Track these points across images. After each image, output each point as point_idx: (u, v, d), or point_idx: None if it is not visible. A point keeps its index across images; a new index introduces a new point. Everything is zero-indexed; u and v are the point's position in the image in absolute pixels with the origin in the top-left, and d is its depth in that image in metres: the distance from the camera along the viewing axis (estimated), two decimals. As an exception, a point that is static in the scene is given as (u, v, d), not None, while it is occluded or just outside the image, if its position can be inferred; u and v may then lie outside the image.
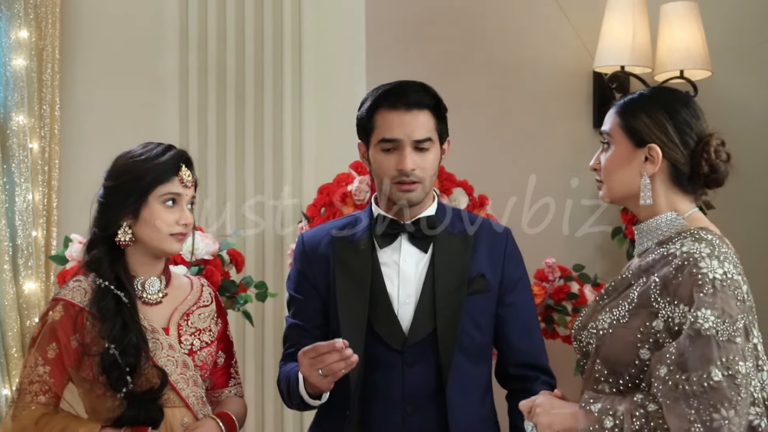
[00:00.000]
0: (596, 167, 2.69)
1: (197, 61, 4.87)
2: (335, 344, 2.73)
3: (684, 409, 2.30)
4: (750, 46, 5.33)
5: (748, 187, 5.26)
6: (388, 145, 2.97)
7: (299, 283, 3.14)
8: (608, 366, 2.51)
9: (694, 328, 2.35)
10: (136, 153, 3.00)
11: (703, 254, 2.44)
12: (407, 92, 2.98)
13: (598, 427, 2.39)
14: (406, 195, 2.98)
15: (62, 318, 2.93)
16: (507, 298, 3.08)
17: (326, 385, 2.81)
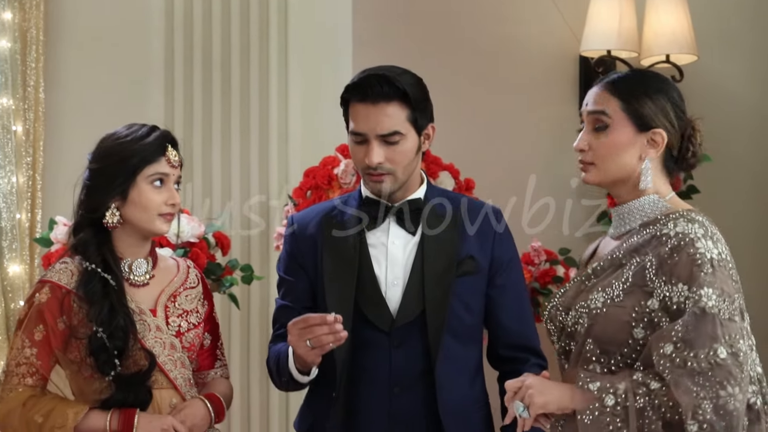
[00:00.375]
0: (584, 148, 2.64)
1: (183, 43, 4.85)
2: (326, 317, 2.73)
3: (691, 387, 2.32)
4: (736, 30, 5.33)
5: (734, 170, 5.29)
6: (357, 137, 2.96)
7: (288, 264, 3.14)
8: (600, 345, 2.51)
9: (699, 306, 2.38)
10: (121, 134, 2.99)
11: (698, 234, 2.47)
12: (371, 85, 2.92)
13: (599, 406, 2.38)
14: (376, 186, 2.97)
15: (49, 300, 2.92)
16: (497, 279, 3.07)
17: (312, 358, 2.81)
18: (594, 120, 2.63)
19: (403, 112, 2.94)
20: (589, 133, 2.63)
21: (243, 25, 4.88)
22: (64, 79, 4.77)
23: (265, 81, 4.88)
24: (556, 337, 2.68)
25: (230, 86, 4.87)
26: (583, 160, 2.65)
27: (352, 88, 2.97)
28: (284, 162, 4.87)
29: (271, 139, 4.86)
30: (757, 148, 5.26)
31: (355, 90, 2.96)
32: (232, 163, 4.86)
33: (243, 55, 4.88)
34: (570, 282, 2.71)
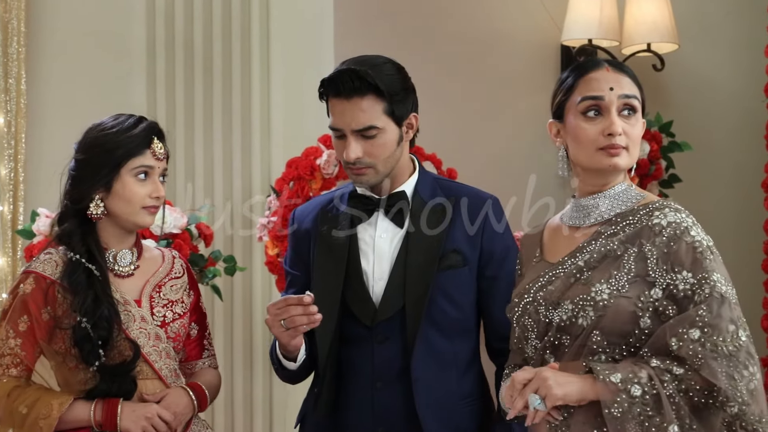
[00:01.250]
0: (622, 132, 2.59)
1: (164, 34, 4.84)
2: (303, 298, 2.73)
3: (725, 370, 2.38)
4: (716, 19, 5.36)
5: (715, 159, 5.32)
6: (336, 133, 2.95)
7: (291, 258, 3.15)
8: (608, 337, 2.50)
9: (717, 290, 2.43)
10: (107, 125, 2.98)
11: (689, 223, 2.52)
12: (344, 81, 2.90)
13: (626, 397, 2.38)
14: (358, 179, 2.96)
15: (33, 290, 2.92)
16: (487, 271, 3.03)
17: (287, 340, 2.81)
18: (625, 103, 2.60)
19: (378, 105, 2.91)
20: (618, 117, 2.59)
21: (225, 16, 4.87)
22: (46, 71, 4.76)
23: (248, 72, 4.87)
24: (535, 334, 2.63)
25: (212, 77, 4.86)
26: (618, 144, 2.58)
27: (326, 83, 2.94)
28: (267, 153, 4.86)
29: (253, 129, 4.85)
30: (737, 136, 5.29)
31: (329, 85, 2.94)
32: (215, 154, 4.85)
33: (225, 46, 4.87)
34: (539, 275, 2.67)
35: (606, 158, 2.58)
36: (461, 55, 5.11)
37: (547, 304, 2.60)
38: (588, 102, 2.60)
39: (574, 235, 2.68)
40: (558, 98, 2.68)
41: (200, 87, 4.86)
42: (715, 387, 2.37)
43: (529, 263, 2.78)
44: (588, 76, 2.63)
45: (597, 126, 2.58)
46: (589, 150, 2.60)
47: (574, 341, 2.55)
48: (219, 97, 4.86)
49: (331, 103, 2.94)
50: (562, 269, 2.63)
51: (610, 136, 2.57)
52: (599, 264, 2.56)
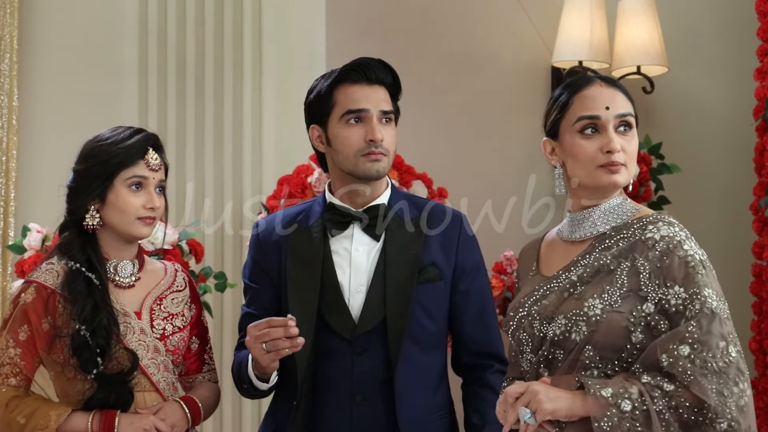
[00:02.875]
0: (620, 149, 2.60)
1: (157, 51, 4.86)
2: (287, 321, 2.73)
3: (714, 387, 2.37)
4: (706, 42, 5.39)
5: (704, 181, 5.34)
6: (354, 115, 2.97)
7: (253, 271, 3.14)
8: (600, 352, 2.51)
9: (707, 306, 2.43)
10: (103, 137, 3.00)
11: (682, 237, 2.52)
12: (370, 67, 3.00)
13: (616, 411, 2.39)
14: (375, 165, 2.97)
15: (34, 300, 2.93)
16: (461, 285, 3.06)
17: (267, 362, 2.80)
18: (622, 122, 2.62)
19: (390, 100, 3.03)
20: (615, 133, 2.61)
21: (216, 34, 4.89)
22: (39, 87, 4.77)
23: (239, 90, 4.89)
24: (530, 347, 2.65)
25: (204, 94, 4.88)
26: (617, 161, 2.60)
27: (349, 69, 3.01)
28: (258, 170, 4.87)
29: (245, 147, 4.87)
30: (726, 158, 5.31)
31: (353, 71, 3.00)
32: (206, 171, 4.86)
33: (217, 64, 4.89)
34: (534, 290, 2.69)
35: (606, 176, 2.60)
36: (452, 76, 5.14)
37: (541, 318, 2.61)
38: (585, 122, 2.61)
39: (569, 249, 2.69)
40: (552, 116, 2.69)
41: (192, 105, 4.87)
42: (704, 404, 2.37)
43: (526, 277, 2.79)
44: (582, 93, 2.64)
45: (595, 143, 2.60)
46: (588, 167, 2.61)
47: (568, 356, 2.55)
48: (210, 114, 4.87)
49: (349, 90, 2.99)
50: (557, 283, 2.64)
51: (609, 153, 2.58)
52: (592, 279, 2.57)
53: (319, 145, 3.08)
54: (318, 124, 3.05)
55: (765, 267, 4.75)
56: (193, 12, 4.88)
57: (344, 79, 3.00)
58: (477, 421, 3.02)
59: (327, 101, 3.01)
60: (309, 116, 3.09)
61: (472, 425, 3.05)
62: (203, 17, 4.89)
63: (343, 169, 3.01)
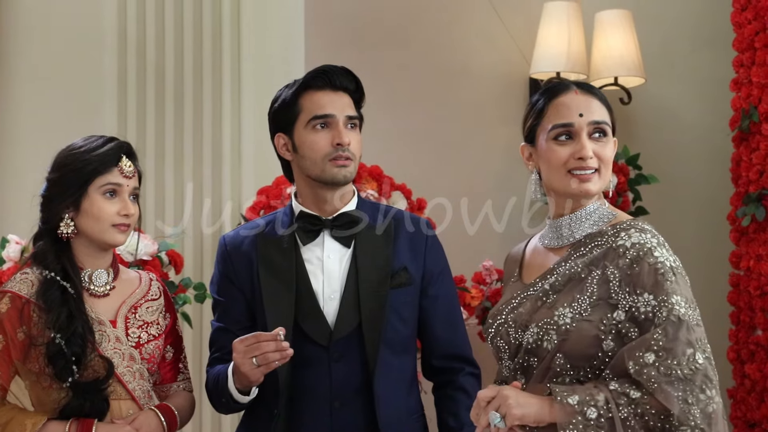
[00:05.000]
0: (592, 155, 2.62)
1: (136, 62, 4.87)
2: (276, 334, 2.75)
3: (678, 394, 2.38)
4: (682, 54, 5.42)
5: (682, 191, 5.36)
6: (321, 121, 3.00)
7: (222, 285, 3.14)
8: (571, 360, 2.52)
9: (674, 314, 2.43)
10: (77, 145, 3.00)
11: (653, 244, 2.53)
12: (335, 74, 3.03)
13: (581, 419, 2.40)
14: (341, 171, 3.00)
15: (9, 310, 2.92)
16: (430, 290, 3.09)
17: (257, 376, 2.81)
18: (596, 128, 2.64)
19: (354, 107, 3.06)
20: (589, 141, 2.63)
21: (196, 45, 4.90)
22: (18, 98, 4.77)
23: (218, 102, 4.90)
24: (508, 354, 2.67)
25: (183, 106, 4.89)
26: (589, 166, 2.62)
27: (314, 76, 3.04)
28: (237, 181, 4.88)
29: (224, 158, 4.88)
30: (703, 168, 5.34)
31: (318, 78, 3.03)
32: (185, 182, 4.87)
33: (196, 75, 4.90)
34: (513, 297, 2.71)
35: (576, 184, 2.62)
36: (430, 87, 5.16)
37: (516, 326, 2.64)
38: (558, 129, 2.64)
39: (548, 256, 2.71)
40: (529, 122, 2.72)
41: (171, 115, 4.88)
42: (669, 411, 2.38)
43: (508, 283, 2.82)
44: (557, 100, 2.67)
45: (567, 149, 2.62)
46: (560, 173, 2.64)
47: (540, 363, 2.57)
48: (190, 125, 4.88)
49: (315, 97, 3.02)
50: (533, 291, 2.66)
51: (581, 159, 2.61)
52: (564, 287, 2.59)
53: (285, 153, 3.09)
54: (284, 132, 3.07)
55: (742, 276, 4.77)
56: (171, 22, 4.89)
57: (309, 85, 3.03)
58: (453, 424, 3.04)
59: (292, 108, 3.04)
60: (274, 125, 3.11)
61: (449, 428, 3.07)
62: (182, 27, 4.90)
63: (310, 176, 3.03)
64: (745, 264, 4.71)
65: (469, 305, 4.58)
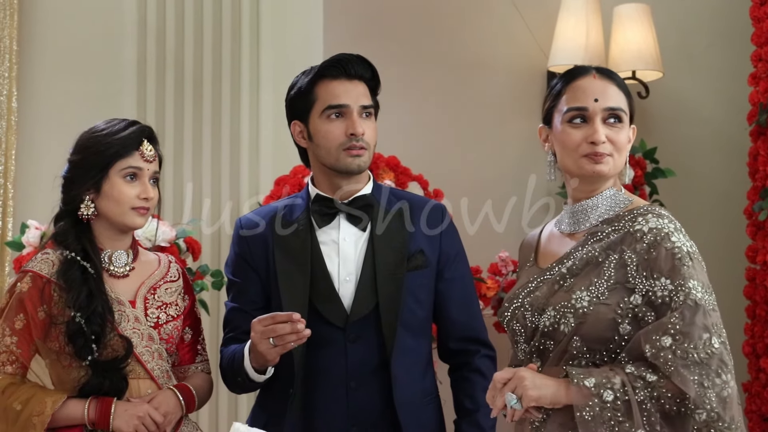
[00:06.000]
0: (605, 140, 2.64)
1: (155, 53, 4.90)
2: (292, 315, 2.77)
3: (695, 378, 2.39)
4: (700, 48, 5.41)
5: (698, 185, 5.36)
6: (335, 110, 3.02)
7: (238, 266, 3.16)
8: (587, 343, 2.55)
9: (691, 298, 2.45)
10: (98, 128, 3.04)
11: (670, 228, 2.54)
12: (350, 63, 3.04)
13: (598, 401, 2.42)
14: (356, 160, 3.02)
15: (30, 289, 2.96)
16: (446, 273, 3.12)
17: (273, 356, 2.84)
18: (611, 114, 2.65)
19: (369, 95, 3.07)
20: (603, 126, 2.64)
21: (215, 35, 4.93)
22: (37, 88, 4.80)
23: (237, 92, 4.92)
24: (524, 338, 2.69)
25: (202, 96, 4.91)
26: (602, 152, 2.63)
27: (329, 65, 3.05)
28: (255, 171, 4.91)
29: (242, 148, 4.90)
30: (720, 163, 5.34)
31: (332, 67, 3.04)
32: (203, 172, 4.90)
33: (215, 65, 4.93)
34: (529, 281, 2.73)
35: (590, 165, 2.64)
36: (449, 79, 5.17)
37: (533, 309, 2.65)
38: (573, 112, 2.66)
39: (565, 241, 2.73)
40: (547, 104, 2.75)
41: (189, 106, 4.90)
42: (685, 395, 2.40)
43: (524, 268, 2.84)
44: (575, 83, 2.69)
45: (581, 132, 2.64)
46: (573, 155, 2.66)
47: (557, 346, 2.59)
48: (208, 115, 4.91)
49: (329, 86, 3.03)
50: (549, 275, 2.68)
51: (593, 144, 2.62)
52: (581, 271, 2.61)
53: (300, 141, 3.12)
54: (299, 120, 3.09)
55: (759, 271, 4.77)
56: (191, 14, 4.91)
57: (324, 74, 3.04)
58: (469, 406, 3.07)
59: (308, 97, 3.05)
60: (290, 112, 3.13)
61: (465, 409, 3.10)
62: (201, 19, 4.92)
63: (325, 164, 3.06)
64: (762, 258, 4.71)
65: (485, 296, 4.59)
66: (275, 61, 4.93)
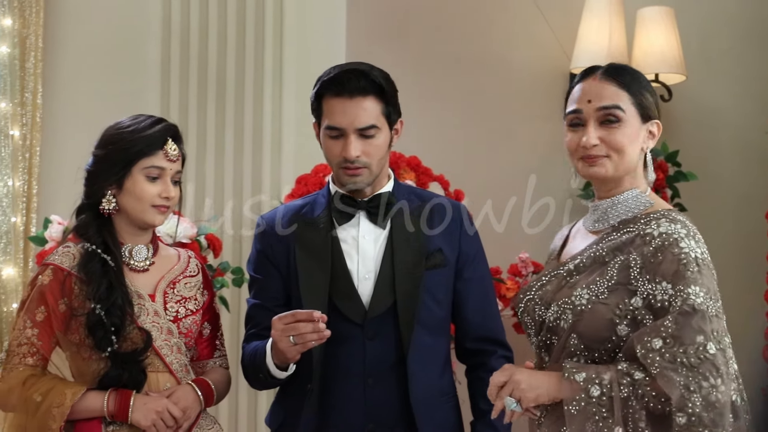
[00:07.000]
0: (597, 143, 2.63)
1: (179, 51, 4.92)
2: (313, 314, 2.78)
3: (679, 380, 2.37)
4: (724, 51, 5.41)
5: (720, 189, 5.35)
6: (333, 132, 3.00)
7: (259, 263, 3.18)
8: (584, 341, 2.56)
9: (687, 303, 2.43)
10: (124, 124, 3.05)
11: (681, 234, 2.51)
12: (349, 80, 2.98)
13: (584, 396, 2.43)
14: (352, 180, 3.02)
15: (51, 282, 2.98)
16: (464, 272, 3.13)
17: (293, 354, 2.85)
18: (605, 114, 2.63)
19: (377, 107, 3.01)
20: (597, 128, 2.64)
21: (239, 35, 4.94)
22: (62, 86, 4.82)
23: (260, 91, 4.94)
24: (533, 331, 2.72)
25: (225, 94, 4.93)
26: (594, 154, 2.63)
27: (328, 82, 3.00)
28: (277, 170, 4.92)
29: (264, 147, 4.92)
30: (742, 166, 5.34)
31: (331, 84, 2.99)
32: (225, 170, 4.92)
33: (238, 64, 4.94)
34: (544, 274, 2.75)
35: (585, 168, 2.66)
36: (471, 80, 5.18)
37: (541, 303, 2.69)
38: (571, 116, 2.68)
39: (586, 239, 2.74)
40: None
41: (212, 104, 4.92)
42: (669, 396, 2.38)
43: (548, 259, 2.87)
44: (576, 87, 2.71)
45: (578, 135, 2.66)
46: (573, 159, 2.70)
47: (558, 342, 2.62)
48: (231, 114, 4.93)
49: (329, 103, 3.00)
50: (561, 270, 2.70)
51: (585, 147, 2.63)
52: (586, 269, 2.62)
53: (318, 140, 3.13)
54: (318, 123, 3.10)
55: (780, 274, 4.77)
56: (215, 13, 4.93)
57: (324, 92, 3.02)
58: (484, 407, 3.06)
59: (317, 107, 3.06)
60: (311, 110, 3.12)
61: (480, 410, 3.11)
62: (225, 18, 4.94)
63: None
64: (783, 262, 4.70)
65: (505, 297, 4.60)
66: (298, 60, 4.95)
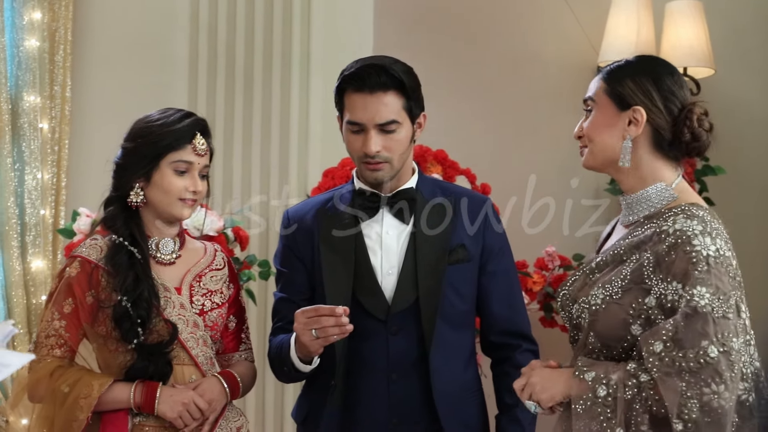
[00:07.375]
0: (580, 134, 2.70)
1: (207, 44, 4.93)
2: (336, 309, 2.79)
3: (678, 384, 2.35)
4: (753, 45, 5.39)
5: (749, 183, 5.33)
6: (354, 127, 3.00)
7: (285, 256, 3.19)
8: (601, 340, 2.56)
9: (690, 305, 2.39)
10: (153, 118, 3.06)
11: (695, 231, 2.47)
12: (370, 75, 2.97)
13: (591, 396, 2.43)
14: (373, 174, 3.02)
15: (78, 274, 3.00)
16: (489, 266, 3.12)
17: (316, 348, 2.86)
18: (585, 106, 2.71)
19: (399, 101, 3.00)
20: (583, 121, 2.71)
21: (266, 28, 4.95)
22: (91, 79, 4.84)
23: (287, 83, 4.95)
24: (569, 326, 2.73)
25: (252, 88, 4.94)
26: (581, 144, 2.72)
27: (349, 78, 3.00)
28: (304, 163, 4.94)
29: (291, 140, 4.93)
30: (770, 160, 5.32)
31: (352, 80, 2.99)
32: (253, 163, 4.93)
33: (266, 57, 4.95)
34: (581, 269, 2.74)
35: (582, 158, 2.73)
36: (498, 74, 5.18)
37: (570, 299, 2.69)
38: None
39: (619, 233, 2.73)
40: None
41: (240, 97, 4.94)
42: None
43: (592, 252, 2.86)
44: None
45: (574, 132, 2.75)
46: None
47: (580, 339, 2.63)
48: (258, 107, 4.94)
49: (351, 98, 3.00)
50: (588, 267, 2.70)
51: None
52: (606, 267, 2.62)
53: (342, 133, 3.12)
54: (340, 116, 3.09)
55: (808, 269, 4.74)
56: (243, 6, 4.94)
57: (346, 87, 3.02)
58: (509, 401, 3.07)
59: (339, 102, 3.06)
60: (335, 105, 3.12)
61: (505, 405, 3.11)
62: (253, 11, 4.95)
63: None
64: (811, 256, 4.68)
65: (531, 291, 4.60)
66: (325, 53, 4.95)
